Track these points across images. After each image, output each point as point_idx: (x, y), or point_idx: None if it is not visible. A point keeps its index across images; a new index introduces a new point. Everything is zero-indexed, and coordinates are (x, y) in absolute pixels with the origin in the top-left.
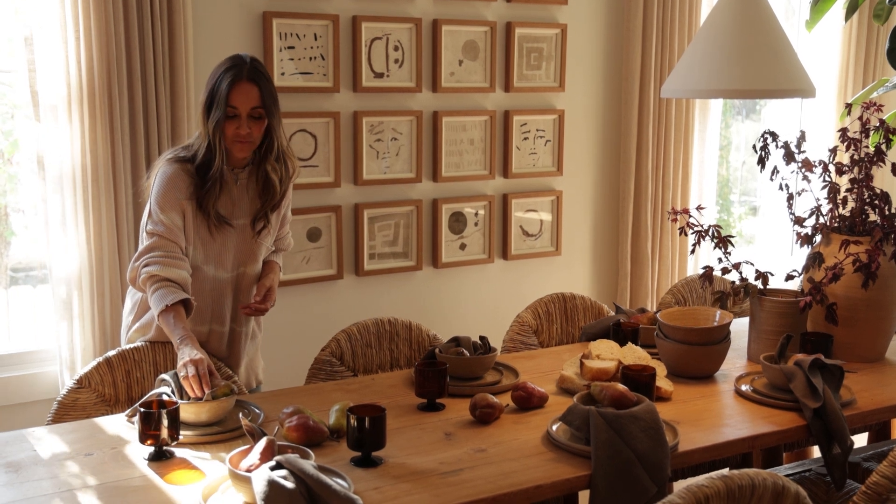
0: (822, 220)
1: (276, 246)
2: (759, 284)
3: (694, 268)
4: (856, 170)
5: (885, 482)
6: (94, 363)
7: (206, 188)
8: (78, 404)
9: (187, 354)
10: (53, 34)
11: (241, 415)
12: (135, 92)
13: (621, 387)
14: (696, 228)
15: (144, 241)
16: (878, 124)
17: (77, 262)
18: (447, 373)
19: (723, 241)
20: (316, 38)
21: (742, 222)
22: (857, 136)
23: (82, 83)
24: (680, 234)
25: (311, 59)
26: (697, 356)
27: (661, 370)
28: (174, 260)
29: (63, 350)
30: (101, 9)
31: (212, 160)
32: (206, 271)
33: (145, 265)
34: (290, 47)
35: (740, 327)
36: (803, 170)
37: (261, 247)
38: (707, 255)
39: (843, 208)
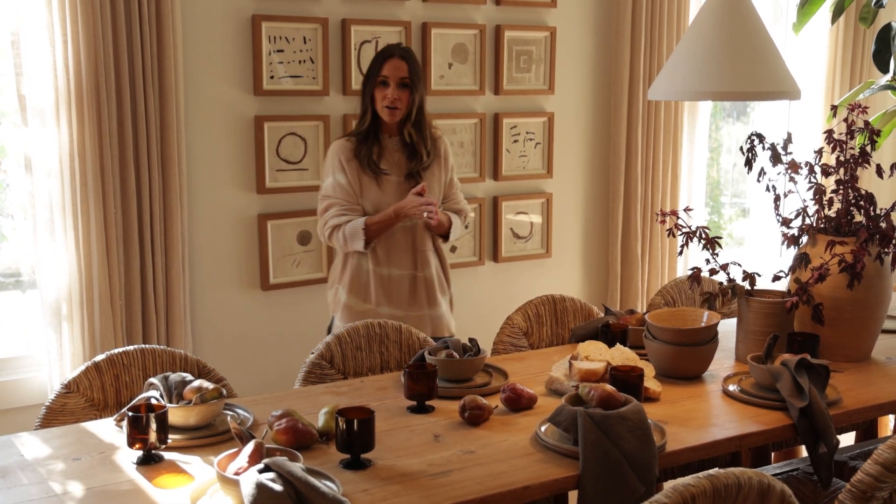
0: (808, 221)
1: (452, 208)
2: (746, 285)
3: (683, 269)
4: (841, 171)
5: (871, 480)
6: (82, 368)
7: (363, 147)
8: (66, 409)
9: (396, 207)
10: (40, 37)
11: (229, 418)
12: (123, 95)
13: (609, 388)
14: (684, 230)
15: (320, 206)
16: (863, 126)
17: (66, 266)
18: (437, 375)
19: (710, 243)
20: (305, 42)
21: (732, 224)
22: (842, 137)
23: (70, 86)
24: (668, 235)
25: (300, 62)
26: (685, 357)
27: (649, 371)
28: (346, 209)
29: (52, 355)
30: (88, 11)
31: (371, 124)
32: None
33: (325, 224)
34: (279, 50)
35: (728, 328)
36: (790, 171)
37: None
38: (696, 257)
39: (829, 209)
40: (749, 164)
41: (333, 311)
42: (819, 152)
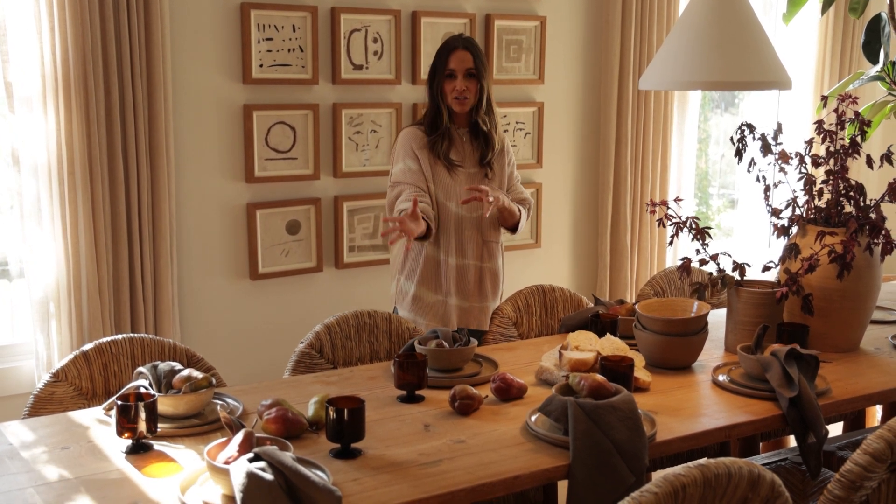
0: (798, 211)
1: (515, 199)
2: (736, 275)
3: (672, 259)
4: (831, 161)
5: (859, 470)
6: (70, 356)
7: (434, 138)
8: (54, 398)
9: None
10: (28, 24)
11: (219, 407)
12: (111, 83)
13: (600, 377)
14: (674, 220)
15: (389, 193)
16: (853, 116)
17: (54, 255)
18: (426, 364)
19: (700, 233)
20: (294, 30)
21: (721, 215)
22: (832, 128)
23: (57, 74)
24: (658, 225)
25: (289, 50)
26: (675, 347)
27: (639, 361)
28: (414, 194)
29: (39, 343)
30: None
31: (438, 116)
32: (449, 207)
33: (396, 209)
34: (268, 39)
35: (718, 318)
36: (780, 161)
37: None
38: (685, 247)
39: (819, 200)
40: (739, 154)
41: (397, 303)
42: (809, 143)
